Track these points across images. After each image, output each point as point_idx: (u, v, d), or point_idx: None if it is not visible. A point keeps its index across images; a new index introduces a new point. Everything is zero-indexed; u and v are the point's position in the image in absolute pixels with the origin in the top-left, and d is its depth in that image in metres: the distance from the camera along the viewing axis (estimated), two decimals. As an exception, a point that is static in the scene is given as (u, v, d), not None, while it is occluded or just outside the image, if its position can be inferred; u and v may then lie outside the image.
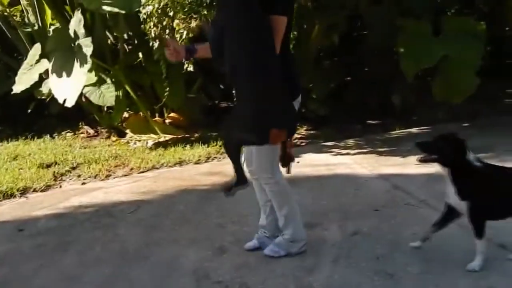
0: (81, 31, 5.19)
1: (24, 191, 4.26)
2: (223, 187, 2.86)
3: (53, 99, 5.62)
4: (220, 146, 5.11)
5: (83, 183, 4.52)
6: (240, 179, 2.73)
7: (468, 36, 5.67)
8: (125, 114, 6.21)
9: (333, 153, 5.14)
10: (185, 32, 4.50)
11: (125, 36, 6.14)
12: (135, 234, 3.34)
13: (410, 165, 2.74)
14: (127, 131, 6.12)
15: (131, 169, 4.81)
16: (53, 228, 3.50)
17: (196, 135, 5.89)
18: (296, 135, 5.23)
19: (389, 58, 6.16)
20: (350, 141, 5.58)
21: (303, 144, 5.55)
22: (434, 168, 2.82)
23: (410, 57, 5.55)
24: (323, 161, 4.79)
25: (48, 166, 4.92)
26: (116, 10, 5.03)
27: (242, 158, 2.78)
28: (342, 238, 3.11)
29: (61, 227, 3.51)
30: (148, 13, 4.61)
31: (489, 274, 2.59)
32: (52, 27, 6.23)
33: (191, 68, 4.83)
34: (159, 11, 4.53)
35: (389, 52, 6.18)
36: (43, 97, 6.12)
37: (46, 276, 2.85)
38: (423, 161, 2.71)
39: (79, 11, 5.31)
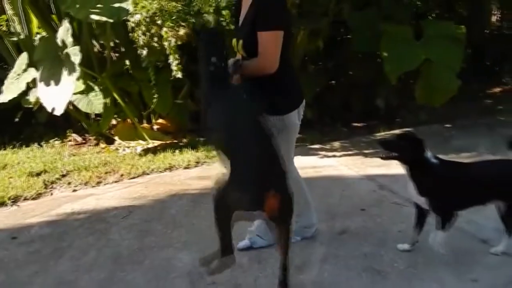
0: (69, 40, 5.20)
1: (15, 200, 4.27)
2: (204, 261, 2.61)
3: (41, 108, 5.63)
4: (208, 150, 5.13)
5: (74, 190, 4.53)
6: (226, 249, 2.46)
7: (448, 39, 5.83)
8: (113, 121, 6.24)
9: (320, 156, 5.24)
10: (173, 40, 4.57)
11: (112, 44, 6.18)
12: (128, 239, 3.39)
13: (395, 166, 2.84)
14: (116, 138, 6.14)
15: (122, 175, 4.84)
16: (46, 235, 3.53)
17: (184, 140, 5.93)
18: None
19: (373, 62, 6.29)
20: (336, 144, 5.68)
21: (290, 147, 5.62)
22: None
23: (393, 61, 5.67)
24: (310, 164, 4.87)
25: (38, 174, 4.90)
26: (104, 19, 5.07)
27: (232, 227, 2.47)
28: (331, 237, 3.20)
29: (54, 234, 3.54)
30: (137, 21, 4.67)
31: (473, 268, 2.70)
32: (38, 36, 6.24)
33: (179, 75, 4.87)
34: (148, 19, 4.59)
35: (372, 56, 6.31)
36: (30, 106, 6.12)
37: (41, 282, 2.89)
38: (384, 158, 2.80)
39: (67, 20, 5.34)
